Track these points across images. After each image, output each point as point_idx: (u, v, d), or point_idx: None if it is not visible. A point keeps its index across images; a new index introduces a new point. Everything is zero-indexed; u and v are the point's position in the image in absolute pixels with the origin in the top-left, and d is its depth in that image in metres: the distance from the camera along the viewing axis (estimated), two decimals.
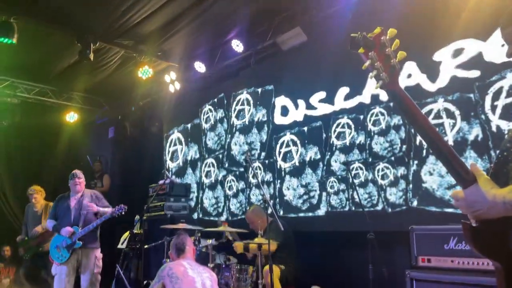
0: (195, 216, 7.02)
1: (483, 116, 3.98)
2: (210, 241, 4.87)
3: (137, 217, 6.35)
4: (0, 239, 8.18)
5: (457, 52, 4.18)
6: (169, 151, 7.89)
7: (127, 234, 6.69)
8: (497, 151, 1.58)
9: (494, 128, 3.90)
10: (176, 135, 7.80)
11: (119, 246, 6.72)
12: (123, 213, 5.36)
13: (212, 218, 6.74)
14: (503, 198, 1.29)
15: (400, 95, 1.50)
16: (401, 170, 4.54)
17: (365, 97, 4.96)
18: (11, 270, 7.76)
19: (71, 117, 8.82)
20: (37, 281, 6.75)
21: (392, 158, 4.64)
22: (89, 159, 8.99)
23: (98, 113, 9.26)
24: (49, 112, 8.74)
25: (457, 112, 4.16)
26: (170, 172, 7.58)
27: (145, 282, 5.53)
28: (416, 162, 4.42)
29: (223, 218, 6.52)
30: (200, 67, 6.71)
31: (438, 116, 4.26)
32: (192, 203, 7.12)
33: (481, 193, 1.34)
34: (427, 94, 4.36)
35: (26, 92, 8.12)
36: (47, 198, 6.90)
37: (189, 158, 7.45)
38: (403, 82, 4.49)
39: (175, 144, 7.79)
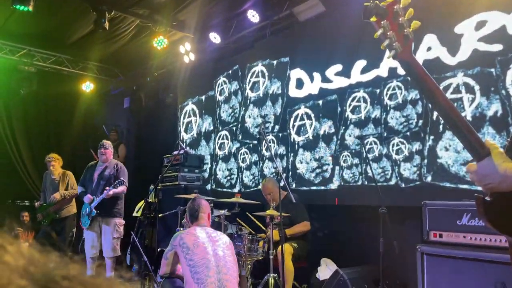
0: (208, 187, 7.08)
1: (503, 92, 3.88)
2: (222, 212, 4.92)
3: (152, 186, 6.44)
4: (20, 205, 8.41)
5: (480, 25, 4.05)
6: (183, 122, 7.92)
7: (142, 202, 6.81)
8: None
9: None
10: (190, 106, 7.80)
11: (134, 214, 6.85)
12: None
13: (225, 190, 6.80)
14: (503, 168, 1.31)
15: (413, 65, 1.48)
16: (416, 145, 4.49)
17: (382, 70, 4.87)
18: (30, 235, 7.99)
19: (87, 86, 8.87)
20: (53, 247, 6.92)
21: (408, 133, 4.58)
22: (105, 129, 9.08)
23: (114, 83, 9.29)
24: (65, 81, 8.80)
25: (476, 87, 4.06)
26: (184, 143, 7.63)
27: (159, 249, 5.64)
28: (432, 137, 4.36)
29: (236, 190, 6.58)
30: (215, 38, 6.64)
31: (457, 90, 4.18)
32: (206, 174, 7.18)
33: (493, 167, 1.34)
34: (446, 68, 4.26)
35: (42, 61, 8.17)
36: (64, 167, 7.03)
37: (203, 130, 7.47)
38: (423, 55, 4.40)
39: (189, 116, 7.81)
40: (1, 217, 7.62)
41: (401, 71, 4.64)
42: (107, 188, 5.43)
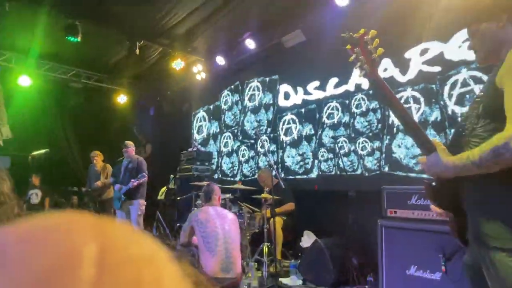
0: (215, 176, 7.09)
1: (442, 102, 3.93)
2: (227, 195, 4.94)
3: (172, 176, 6.45)
4: (70, 190, 8.40)
5: (424, 51, 4.10)
6: (196, 126, 7.92)
7: (164, 188, 6.83)
8: (455, 128, 1.58)
9: (450, 112, 3.86)
10: (201, 113, 7.80)
11: (159, 197, 6.86)
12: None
13: (229, 178, 6.81)
14: (453, 163, 1.33)
15: (379, 82, 1.50)
16: (377, 143, 4.53)
17: (350, 86, 4.90)
18: None
19: (122, 98, 8.84)
20: None
21: (370, 134, 4.62)
22: (135, 132, 9.07)
23: (142, 96, 9.26)
24: (105, 95, 8.76)
25: (421, 99, 4.11)
26: (197, 142, 7.64)
27: (178, 224, 5.66)
28: (388, 137, 4.41)
29: (238, 178, 6.59)
30: (221, 60, 6.65)
31: (406, 101, 4.22)
32: (214, 167, 7.19)
33: (438, 159, 1.37)
34: (398, 85, 4.31)
35: (88, 79, 8.13)
36: (104, 161, 7.02)
37: (211, 132, 7.47)
38: (380, 74, 4.42)
39: (201, 121, 7.81)
40: (57, 198, 7.63)
41: (365, 86, 4.69)
42: (132, 180, 5.44)
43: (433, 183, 1.49)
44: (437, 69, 3.98)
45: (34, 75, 7.45)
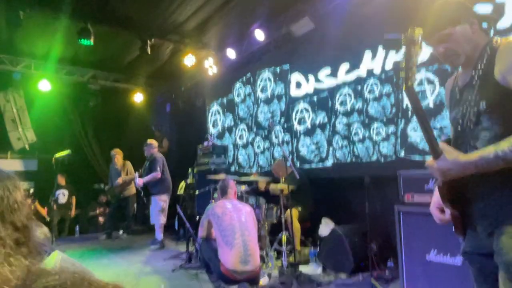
0: (232, 169, 7.10)
1: None
2: (244, 187, 4.93)
3: (190, 170, 6.49)
4: (96, 188, 8.62)
5: None
6: (211, 120, 7.93)
7: (183, 183, 6.88)
8: (452, 126, 1.56)
9: None
10: (215, 107, 7.79)
11: (178, 192, 6.93)
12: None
13: (245, 171, 6.81)
14: (475, 161, 1.32)
15: (414, 93, 1.46)
16: (391, 128, 4.41)
17: (361, 71, 4.76)
18: (104, 210, 8.18)
19: (138, 97, 8.94)
20: (123, 216, 7.12)
21: (384, 119, 4.50)
22: (153, 128, 9.17)
23: (158, 93, 9.34)
24: (122, 94, 8.87)
25: (436, 80, 3.96)
26: (213, 136, 7.65)
27: (197, 217, 5.71)
28: (403, 121, 4.28)
29: (254, 170, 6.58)
30: (231, 53, 6.59)
31: (421, 84, 4.08)
32: (230, 159, 7.20)
33: (449, 162, 1.36)
34: None
35: (104, 80, 8.25)
36: (124, 157, 7.14)
37: (226, 125, 7.47)
38: (396, 58, 4.28)
39: (215, 115, 7.81)
40: (85, 197, 7.85)
41: (376, 71, 4.54)
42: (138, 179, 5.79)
43: (440, 184, 1.47)
44: None
45: (53, 80, 7.61)
